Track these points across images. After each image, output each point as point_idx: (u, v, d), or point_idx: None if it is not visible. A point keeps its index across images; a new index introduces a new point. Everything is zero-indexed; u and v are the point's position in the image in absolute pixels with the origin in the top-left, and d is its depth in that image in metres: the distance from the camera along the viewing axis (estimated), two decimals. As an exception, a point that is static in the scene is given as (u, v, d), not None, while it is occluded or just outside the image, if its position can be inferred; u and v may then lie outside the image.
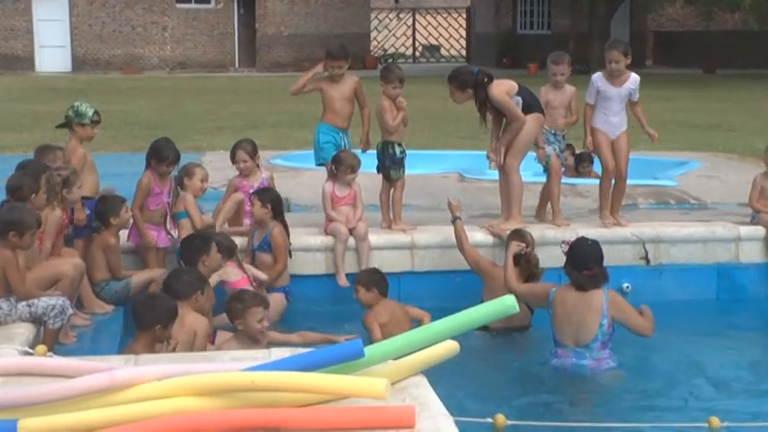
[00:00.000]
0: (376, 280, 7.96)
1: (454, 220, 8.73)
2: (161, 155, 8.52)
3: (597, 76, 9.30)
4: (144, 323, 6.36)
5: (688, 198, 11.73)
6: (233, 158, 9.22)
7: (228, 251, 8.04)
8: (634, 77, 9.23)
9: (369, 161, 9.44)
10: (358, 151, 9.37)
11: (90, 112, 8.47)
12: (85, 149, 8.47)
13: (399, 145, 9.17)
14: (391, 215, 9.29)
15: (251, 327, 6.97)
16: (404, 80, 9.17)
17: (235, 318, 7.06)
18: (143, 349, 6.17)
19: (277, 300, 8.29)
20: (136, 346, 6.30)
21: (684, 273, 9.32)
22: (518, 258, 8.08)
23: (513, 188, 9.28)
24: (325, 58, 9.42)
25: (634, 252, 9.25)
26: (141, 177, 8.53)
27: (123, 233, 8.41)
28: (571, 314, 7.35)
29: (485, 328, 7.63)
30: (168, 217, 8.59)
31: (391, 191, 9.25)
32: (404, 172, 9.23)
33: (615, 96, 9.23)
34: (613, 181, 9.43)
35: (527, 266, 8.10)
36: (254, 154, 9.19)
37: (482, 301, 6.70)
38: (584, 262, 7.35)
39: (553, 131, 9.50)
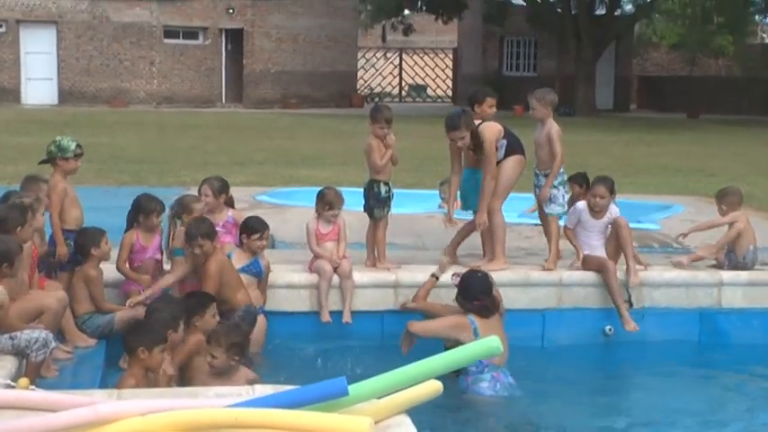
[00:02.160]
0: None
1: (435, 276, 8.77)
2: (149, 207, 8.48)
3: (581, 207, 9.26)
4: (128, 347, 6.42)
5: (671, 242, 11.78)
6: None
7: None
8: (613, 210, 9.20)
9: (356, 200, 9.47)
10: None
11: (72, 146, 8.46)
12: (67, 184, 8.46)
13: (386, 184, 9.22)
14: (376, 254, 9.32)
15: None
16: (391, 121, 9.19)
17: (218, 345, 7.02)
18: (134, 378, 6.20)
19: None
20: (128, 375, 6.34)
21: (667, 316, 9.35)
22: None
23: (496, 229, 9.32)
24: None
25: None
26: (124, 236, 8.50)
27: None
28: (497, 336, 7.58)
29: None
30: (162, 262, 8.60)
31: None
32: (388, 211, 9.26)
33: (595, 227, 9.22)
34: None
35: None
36: (220, 192, 9.09)
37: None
38: (474, 294, 7.88)
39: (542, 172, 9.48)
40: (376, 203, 9.22)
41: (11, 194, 7.89)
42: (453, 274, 8.35)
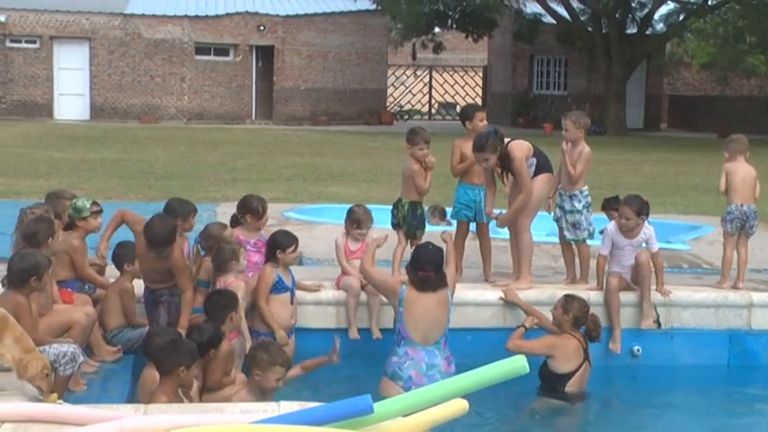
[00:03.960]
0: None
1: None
2: (186, 209, 8.47)
3: (612, 228, 9.19)
4: (167, 367, 6.33)
5: (701, 263, 11.72)
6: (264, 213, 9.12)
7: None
8: (647, 229, 9.09)
9: (383, 217, 9.52)
10: None
11: (87, 205, 8.50)
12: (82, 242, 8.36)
13: (420, 204, 9.51)
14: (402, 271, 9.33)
15: (269, 382, 6.91)
16: (429, 141, 9.41)
17: (255, 367, 7.00)
18: (166, 395, 6.19)
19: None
20: (160, 392, 6.27)
21: (696, 337, 9.29)
22: (582, 321, 8.30)
23: (524, 247, 9.30)
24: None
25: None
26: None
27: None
28: (423, 312, 7.88)
29: None
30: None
31: (399, 248, 9.33)
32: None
33: (627, 247, 9.12)
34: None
35: (593, 327, 8.31)
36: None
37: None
38: (421, 264, 7.91)
39: (570, 193, 9.52)
40: (419, 225, 9.48)
41: (24, 211, 7.95)
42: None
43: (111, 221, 8.47)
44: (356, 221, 8.96)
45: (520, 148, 9.16)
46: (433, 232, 9.49)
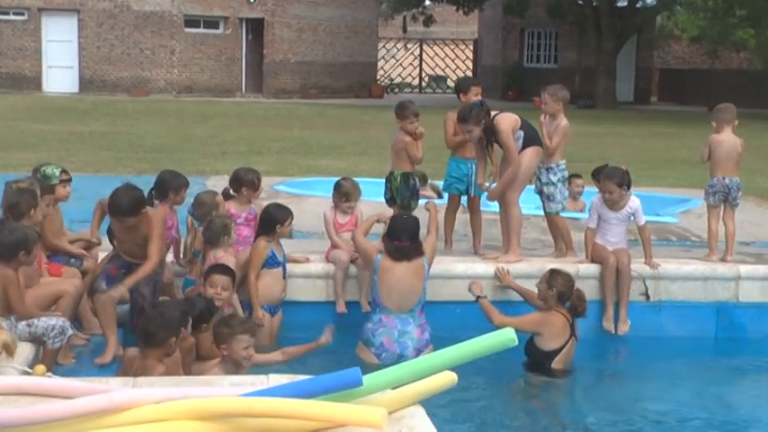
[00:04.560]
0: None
1: (477, 299, 8.54)
2: (179, 182, 8.45)
3: (597, 201, 9.19)
4: (159, 339, 6.33)
5: (689, 235, 11.75)
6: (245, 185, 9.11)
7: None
8: (633, 202, 9.09)
9: (373, 190, 9.52)
10: None
11: (57, 173, 8.45)
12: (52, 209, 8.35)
13: (413, 175, 9.59)
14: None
15: (236, 353, 6.80)
16: (418, 114, 9.51)
17: (221, 342, 6.96)
18: (163, 365, 6.23)
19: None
20: (153, 362, 6.27)
21: (684, 310, 9.33)
22: (567, 296, 8.17)
23: (513, 221, 9.31)
24: None
25: (634, 288, 9.23)
26: (155, 212, 8.44)
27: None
28: (397, 281, 8.14)
29: None
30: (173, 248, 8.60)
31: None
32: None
33: (613, 219, 9.13)
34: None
35: (578, 302, 8.17)
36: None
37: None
38: (397, 233, 8.15)
39: (546, 166, 9.56)
40: (413, 195, 9.53)
41: (9, 184, 7.93)
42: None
43: (94, 212, 8.40)
44: (344, 195, 8.96)
45: (506, 120, 9.15)
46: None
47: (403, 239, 8.11)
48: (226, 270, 7.63)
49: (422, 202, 9.61)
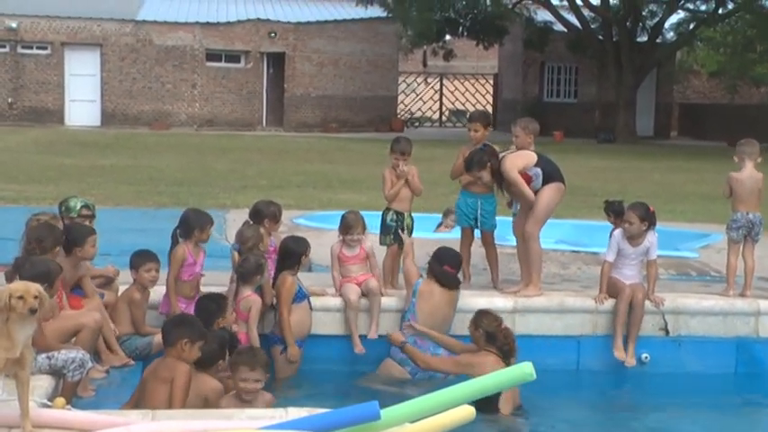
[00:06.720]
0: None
1: (403, 346, 8.41)
2: (203, 220, 8.49)
3: (618, 235, 9.21)
4: (172, 338, 6.51)
5: (709, 270, 11.71)
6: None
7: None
8: (651, 237, 9.11)
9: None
10: None
11: (78, 206, 8.50)
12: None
13: (397, 213, 9.37)
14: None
15: (236, 384, 6.75)
16: (406, 153, 9.38)
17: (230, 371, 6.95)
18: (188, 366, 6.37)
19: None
20: (178, 363, 6.42)
21: (703, 345, 9.29)
22: (494, 336, 7.98)
23: (533, 255, 9.30)
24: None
25: (653, 323, 9.22)
26: (175, 249, 8.42)
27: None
28: (434, 307, 8.53)
29: None
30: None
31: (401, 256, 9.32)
32: (393, 240, 9.35)
33: (632, 254, 9.14)
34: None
35: (504, 341, 7.97)
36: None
37: None
38: (447, 260, 8.66)
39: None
40: (381, 230, 9.44)
41: (31, 218, 7.98)
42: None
43: None
44: (346, 227, 8.98)
45: (512, 159, 9.19)
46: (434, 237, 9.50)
47: (452, 267, 8.61)
48: (252, 359, 7.02)
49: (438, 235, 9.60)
